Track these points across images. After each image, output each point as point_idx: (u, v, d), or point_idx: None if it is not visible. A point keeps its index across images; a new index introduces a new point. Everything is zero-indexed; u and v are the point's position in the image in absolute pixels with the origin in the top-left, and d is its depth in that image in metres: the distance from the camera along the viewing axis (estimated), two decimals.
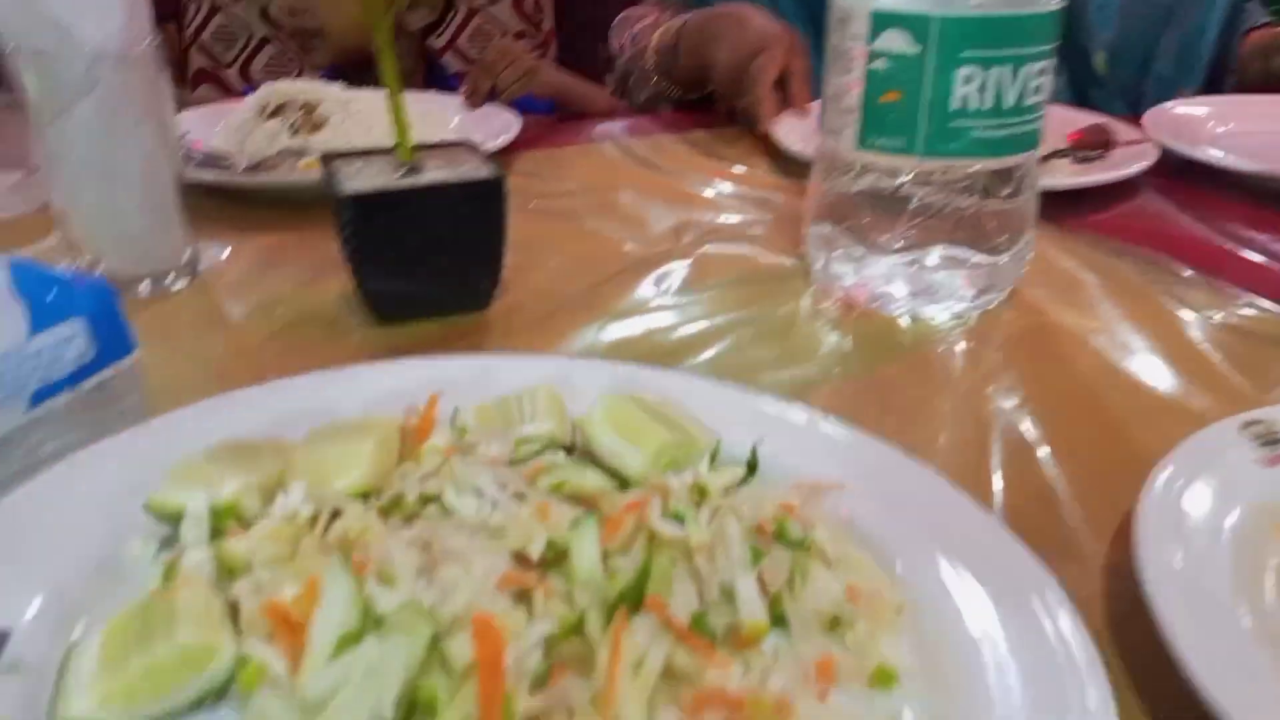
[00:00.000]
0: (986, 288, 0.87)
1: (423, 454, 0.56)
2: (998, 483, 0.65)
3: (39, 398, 0.55)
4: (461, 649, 0.41)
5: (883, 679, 0.47)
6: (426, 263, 0.83)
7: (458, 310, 0.87)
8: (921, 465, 0.59)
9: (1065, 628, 0.46)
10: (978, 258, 0.85)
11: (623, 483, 0.57)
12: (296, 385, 0.64)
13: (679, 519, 0.52)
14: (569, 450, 0.61)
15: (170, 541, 0.53)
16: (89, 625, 0.46)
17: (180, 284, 0.90)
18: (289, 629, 0.43)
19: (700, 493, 0.56)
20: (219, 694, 0.44)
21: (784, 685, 0.43)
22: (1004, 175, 0.83)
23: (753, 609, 0.47)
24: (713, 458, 0.60)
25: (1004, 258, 0.86)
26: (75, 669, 0.42)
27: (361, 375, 0.66)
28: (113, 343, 0.59)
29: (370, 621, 0.42)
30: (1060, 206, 1.05)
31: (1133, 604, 0.49)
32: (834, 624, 0.49)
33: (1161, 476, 0.57)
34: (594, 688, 0.42)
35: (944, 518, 0.55)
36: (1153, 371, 0.79)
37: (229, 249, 1.00)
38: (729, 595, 0.49)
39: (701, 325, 0.87)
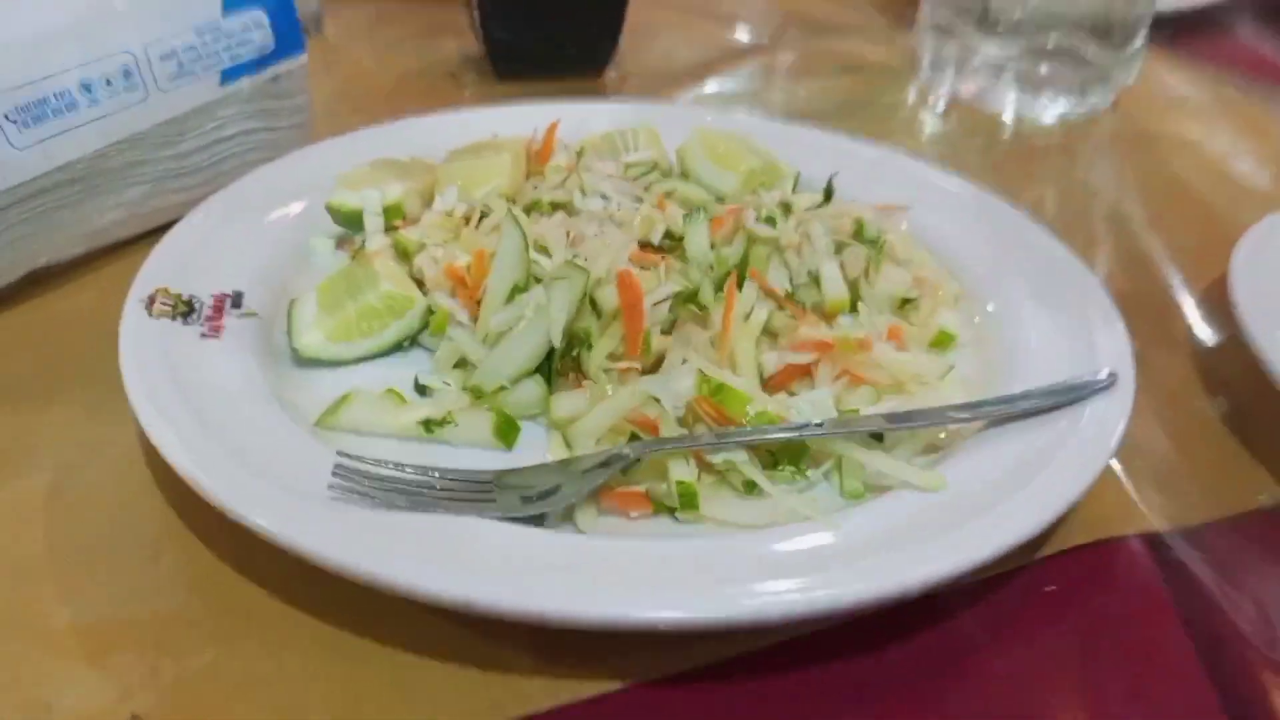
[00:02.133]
0: (1093, 90, 0.90)
1: (547, 171, 0.65)
2: (1099, 250, 0.72)
3: (229, 76, 0.64)
4: (608, 297, 0.51)
5: (942, 340, 0.57)
6: (551, 13, 0.88)
7: (574, 71, 0.93)
8: (987, 192, 0.68)
9: (1099, 314, 0.55)
10: (1091, 51, 0.87)
11: (719, 201, 0.66)
12: (440, 120, 0.73)
13: (771, 223, 0.61)
14: (672, 176, 0.70)
15: (342, 239, 0.63)
16: (296, 290, 0.57)
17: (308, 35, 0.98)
18: (464, 288, 0.54)
19: (786, 208, 0.65)
20: (413, 338, 0.55)
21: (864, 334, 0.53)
22: None
23: (836, 288, 0.57)
24: (793, 186, 0.69)
25: (1116, 56, 0.89)
26: (300, 315, 0.54)
27: (489, 114, 0.74)
28: (288, 39, 0.68)
29: (533, 280, 0.52)
30: (1171, 31, 1.06)
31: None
32: (902, 306, 0.59)
33: (1265, 223, 0.64)
34: (710, 334, 0.52)
35: (1005, 234, 0.64)
36: (1253, 175, 0.84)
37: (352, 10, 1.06)
38: (815, 281, 0.59)
39: (805, 105, 0.93)
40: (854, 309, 0.58)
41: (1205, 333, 0.64)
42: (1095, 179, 0.83)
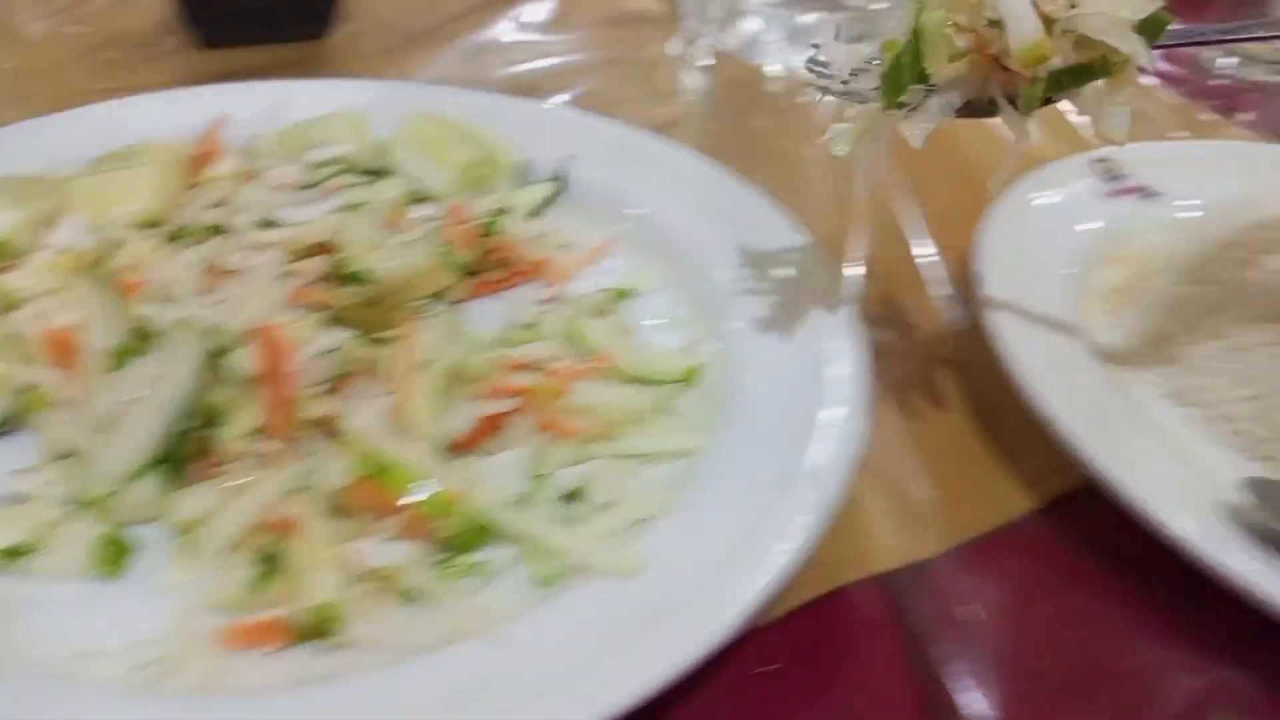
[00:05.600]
0: (862, 37, 0.84)
1: (206, 183, 0.54)
2: (858, 226, 0.64)
3: None
4: (244, 361, 0.41)
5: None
6: None
7: (291, 35, 0.80)
8: (732, 179, 0.60)
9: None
10: None
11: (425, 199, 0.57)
12: (89, 113, 0.60)
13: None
14: (374, 174, 0.59)
15: None
16: None
17: None
18: (72, 354, 0.43)
19: (501, 213, 0.56)
20: (13, 421, 0.44)
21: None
22: None
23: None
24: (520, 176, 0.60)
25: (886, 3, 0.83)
26: None
27: (157, 102, 0.62)
28: None
29: (146, 339, 0.42)
30: None
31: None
32: None
33: (1010, 194, 0.58)
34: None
35: (749, 224, 0.57)
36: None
37: None
38: None
39: (561, 63, 0.83)
40: None
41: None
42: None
